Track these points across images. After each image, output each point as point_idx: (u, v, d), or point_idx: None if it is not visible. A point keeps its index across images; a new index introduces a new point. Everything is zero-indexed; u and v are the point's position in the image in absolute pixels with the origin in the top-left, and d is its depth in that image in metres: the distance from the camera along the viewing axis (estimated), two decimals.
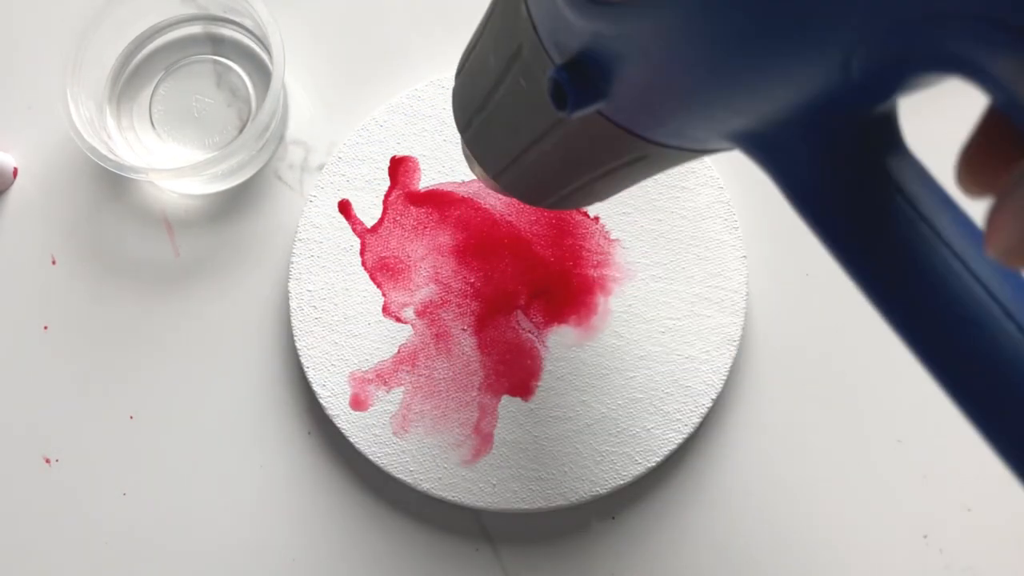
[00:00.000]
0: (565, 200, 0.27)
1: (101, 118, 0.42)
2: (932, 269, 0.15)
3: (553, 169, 0.25)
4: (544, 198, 0.27)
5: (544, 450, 0.37)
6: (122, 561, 0.39)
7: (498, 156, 0.26)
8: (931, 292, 0.15)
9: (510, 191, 0.28)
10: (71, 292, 0.42)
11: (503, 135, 0.25)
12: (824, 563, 0.37)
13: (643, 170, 0.23)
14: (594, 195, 0.27)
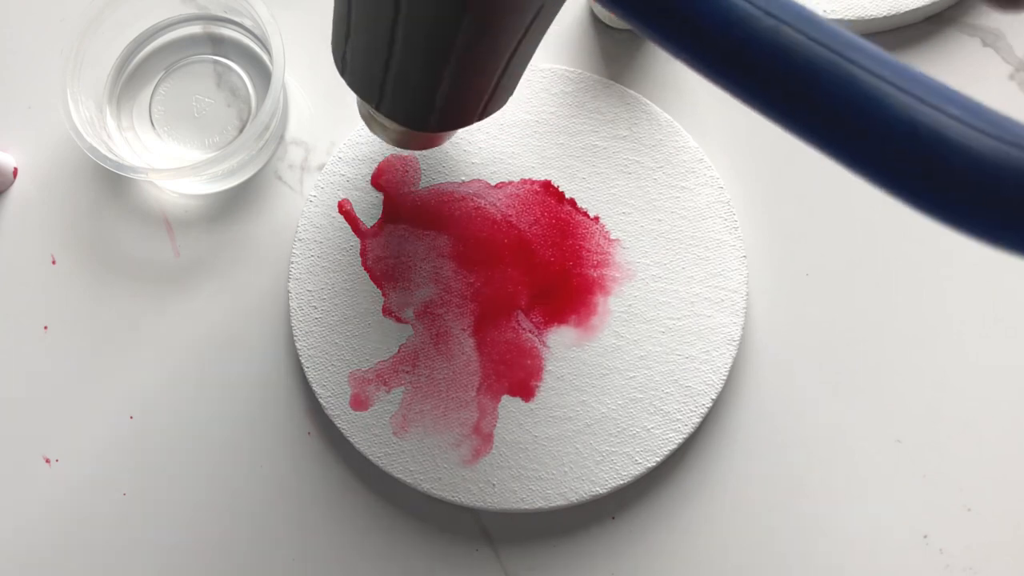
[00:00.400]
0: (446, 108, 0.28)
1: (101, 118, 0.42)
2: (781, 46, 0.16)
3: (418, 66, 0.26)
4: (425, 110, 0.28)
5: (544, 450, 0.37)
6: (122, 561, 0.39)
7: (372, 74, 0.28)
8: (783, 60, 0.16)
9: (397, 115, 0.29)
10: (71, 292, 0.42)
11: (368, 46, 0.27)
12: (824, 563, 0.37)
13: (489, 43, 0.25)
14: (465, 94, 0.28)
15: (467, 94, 0.28)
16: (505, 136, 0.40)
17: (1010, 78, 0.41)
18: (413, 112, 0.29)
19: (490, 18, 0.23)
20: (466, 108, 0.29)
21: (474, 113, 0.29)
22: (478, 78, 0.27)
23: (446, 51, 0.25)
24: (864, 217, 0.40)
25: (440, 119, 0.29)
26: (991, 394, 0.38)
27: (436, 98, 0.28)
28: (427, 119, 0.29)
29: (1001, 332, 0.39)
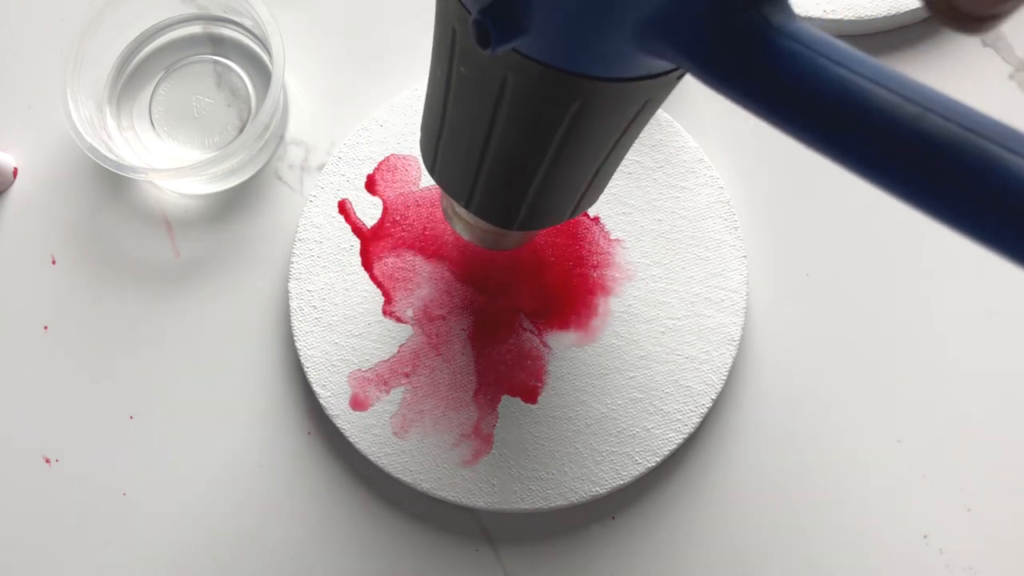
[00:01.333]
0: (536, 204, 0.27)
1: (101, 118, 0.42)
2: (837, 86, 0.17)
3: (514, 158, 0.26)
4: (518, 205, 0.28)
5: (544, 450, 0.37)
6: (122, 561, 0.39)
7: (466, 171, 0.27)
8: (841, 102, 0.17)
9: (484, 212, 0.29)
10: (71, 292, 0.42)
11: (464, 144, 0.26)
12: (824, 563, 0.37)
13: (594, 130, 0.24)
14: (559, 191, 0.27)
15: (560, 194, 0.28)
16: None
17: (1010, 78, 0.41)
18: (503, 212, 0.28)
19: (596, 109, 0.23)
20: (558, 208, 0.28)
21: (565, 213, 0.29)
22: (573, 178, 0.27)
23: (544, 150, 0.25)
24: (864, 217, 0.40)
25: (530, 218, 0.28)
26: (991, 394, 0.38)
27: (527, 198, 0.27)
28: (517, 219, 0.28)
29: (1001, 332, 0.39)
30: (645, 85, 0.22)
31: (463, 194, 0.28)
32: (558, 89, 0.22)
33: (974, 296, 0.39)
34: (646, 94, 0.23)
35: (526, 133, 0.24)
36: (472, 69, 0.23)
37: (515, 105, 0.23)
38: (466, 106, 0.25)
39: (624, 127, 0.25)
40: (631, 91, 0.22)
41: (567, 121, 0.23)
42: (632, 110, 0.24)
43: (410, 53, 0.43)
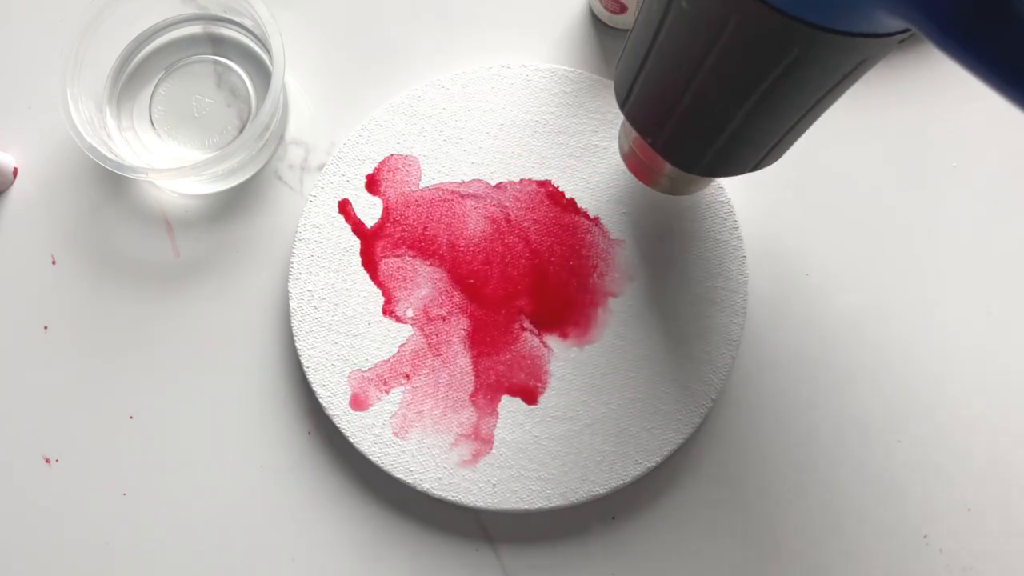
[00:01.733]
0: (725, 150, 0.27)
1: (101, 118, 0.42)
2: None
3: (713, 101, 0.25)
4: (706, 149, 0.27)
5: (544, 450, 0.37)
6: (122, 561, 0.39)
7: (660, 108, 0.27)
8: None
9: (670, 151, 0.28)
10: (71, 292, 0.42)
11: (664, 81, 0.26)
12: (824, 563, 0.37)
13: (804, 82, 0.24)
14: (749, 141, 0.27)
15: (750, 144, 0.27)
16: (505, 136, 0.40)
17: None
18: (690, 154, 0.28)
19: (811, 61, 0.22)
20: (743, 158, 0.28)
21: (748, 164, 0.29)
22: (767, 130, 0.27)
23: (747, 96, 0.24)
24: (864, 217, 0.40)
25: (712, 165, 0.28)
26: (991, 394, 0.38)
27: (717, 143, 0.27)
28: (700, 162, 0.28)
29: (1001, 332, 0.39)
30: (866, 43, 0.21)
31: (652, 131, 0.28)
32: (780, 35, 0.21)
33: (974, 296, 0.39)
34: (864, 53, 0.22)
35: (734, 77, 0.24)
36: (695, 4, 0.23)
37: (731, 47, 0.23)
38: (677, 43, 0.25)
39: (832, 85, 0.24)
40: (851, 46, 0.22)
41: (779, 70, 0.23)
42: (845, 68, 0.23)
43: (410, 53, 0.43)
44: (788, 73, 0.23)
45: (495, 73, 0.41)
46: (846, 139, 0.41)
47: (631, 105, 0.29)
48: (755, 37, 0.22)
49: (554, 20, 0.43)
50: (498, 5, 0.43)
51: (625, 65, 0.29)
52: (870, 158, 0.41)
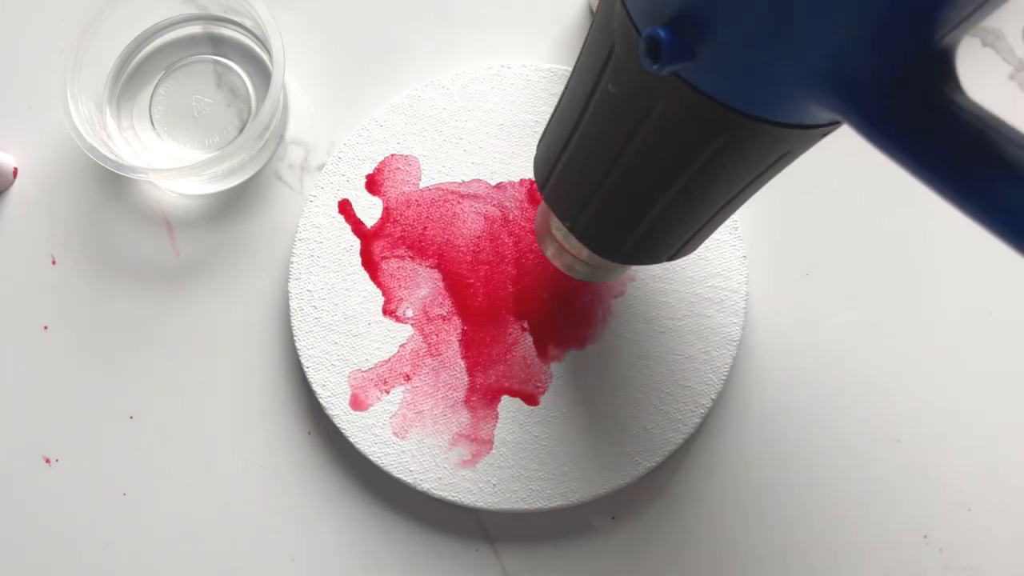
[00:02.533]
0: (645, 238, 0.27)
1: (101, 118, 0.42)
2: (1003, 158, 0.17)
3: (636, 187, 0.25)
4: (626, 236, 0.27)
5: (544, 450, 0.37)
6: (122, 561, 0.39)
7: (581, 192, 0.27)
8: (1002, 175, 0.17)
9: (589, 237, 0.28)
10: (71, 292, 0.42)
11: (586, 164, 0.26)
12: (824, 563, 0.37)
13: (727, 171, 0.23)
14: (670, 229, 0.27)
15: (670, 232, 0.27)
16: (505, 136, 0.40)
17: (1010, 78, 0.41)
18: (609, 242, 0.28)
19: (738, 149, 0.22)
20: (663, 247, 0.28)
21: (668, 253, 0.28)
22: (688, 218, 0.26)
23: (670, 183, 0.24)
24: (864, 217, 0.40)
25: (632, 252, 0.28)
26: (991, 394, 0.38)
27: (637, 231, 0.27)
28: (620, 249, 0.28)
29: (1001, 332, 0.39)
30: (795, 133, 0.21)
31: (571, 215, 0.28)
32: (706, 122, 0.21)
33: (974, 296, 0.39)
34: (791, 143, 0.22)
35: (658, 162, 0.24)
36: (621, 88, 0.23)
37: (657, 131, 0.23)
38: (602, 125, 0.25)
39: (756, 175, 0.24)
40: (778, 137, 0.21)
41: (704, 157, 0.22)
42: (772, 157, 0.23)
43: (410, 53, 0.43)
44: (713, 160, 0.23)
45: (495, 73, 0.41)
46: (846, 139, 0.41)
47: (551, 188, 0.28)
48: (682, 123, 0.22)
49: (554, 20, 0.43)
50: (498, 5, 0.43)
51: (547, 146, 0.28)
52: (870, 157, 0.41)
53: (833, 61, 0.18)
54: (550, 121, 0.28)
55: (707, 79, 0.20)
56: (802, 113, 0.20)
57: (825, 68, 0.18)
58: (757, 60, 0.19)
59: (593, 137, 0.25)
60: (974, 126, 0.18)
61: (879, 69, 0.18)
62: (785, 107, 0.20)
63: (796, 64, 0.19)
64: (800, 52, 0.18)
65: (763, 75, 0.19)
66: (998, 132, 0.17)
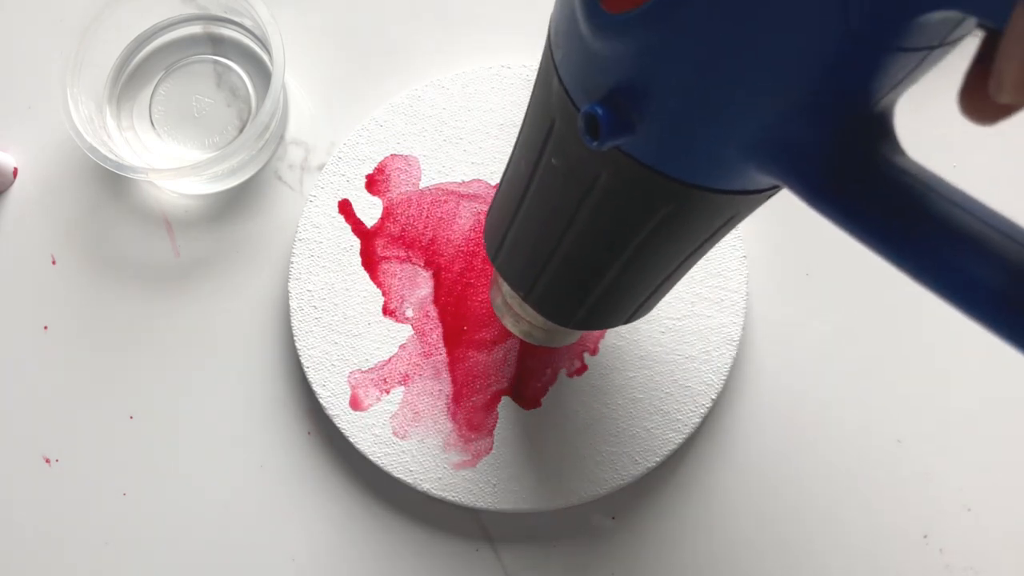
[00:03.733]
0: (598, 305, 0.27)
1: (101, 118, 0.42)
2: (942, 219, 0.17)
3: (586, 256, 0.25)
4: (579, 303, 0.27)
5: (544, 450, 0.37)
6: (122, 561, 0.39)
7: (532, 262, 0.27)
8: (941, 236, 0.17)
9: (543, 305, 0.28)
10: (71, 292, 0.42)
11: (535, 235, 0.26)
12: (824, 563, 0.37)
13: (675, 237, 0.24)
14: (623, 295, 0.27)
15: (624, 298, 0.27)
16: (505, 136, 0.40)
17: None
18: (563, 309, 0.28)
19: (684, 217, 0.22)
20: (617, 312, 0.28)
21: (623, 317, 0.28)
22: (640, 283, 0.27)
23: (620, 252, 0.24)
24: None
25: (587, 319, 0.28)
26: (991, 394, 0.38)
27: (590, 298, 0.27)
28: (574, 317, 0.28)
29: None
30: (738, 199, 0.22)
31: (524, 285, 0.28)
32: (651, 192, 0.21)
33: None
34: (737, 208, 0.22)
35: (606, 232, 0.24)
36: (564, 161, 0.23)
37: (602, 203, 0.23)
38: (548, 197, 0.25)
39: (704, 239, 0.24)
40: (722, 204, 0.22)
41: (651, 225, 0.23)
42: (718, 223, 0.23)
43: (410, 53, 0.43)
44: (660, 229, 0.23)
45: (495, 73, 0.41)
46: None
47: (503, 258, 0.29)
48: (627, 194, 0.22)
49: None
50: (498, 5, 0.43)
51: (495, 218, 0.28)
52: None
53: (769, 132, 0.18)
54: (497, 193, 0.28)
55: (648, 151, 0.20)
56: (744, 180, 0.21)
57: (761, 138, 0.19)
58: (695, 132, 0.19)
59: (540, 209, 0.25)
60: (913, 187, 0.18)
61: (815, 137, 0.18)
62: (726, 176, 0.20)
63: (733, 135, 0.19)
64: (735, 124, 0.19)
65: (702, 146, 0.20)
66: (936, 192, 0.17)
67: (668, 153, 0.20)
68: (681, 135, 0.19)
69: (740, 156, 0.19)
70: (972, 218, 0.17)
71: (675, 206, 0.22)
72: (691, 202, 0.21)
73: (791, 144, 0.18)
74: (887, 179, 0.18)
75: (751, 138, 0.19)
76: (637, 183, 0.21)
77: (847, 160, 0.18)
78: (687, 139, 0.19)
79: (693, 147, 0.20)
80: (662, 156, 0.20)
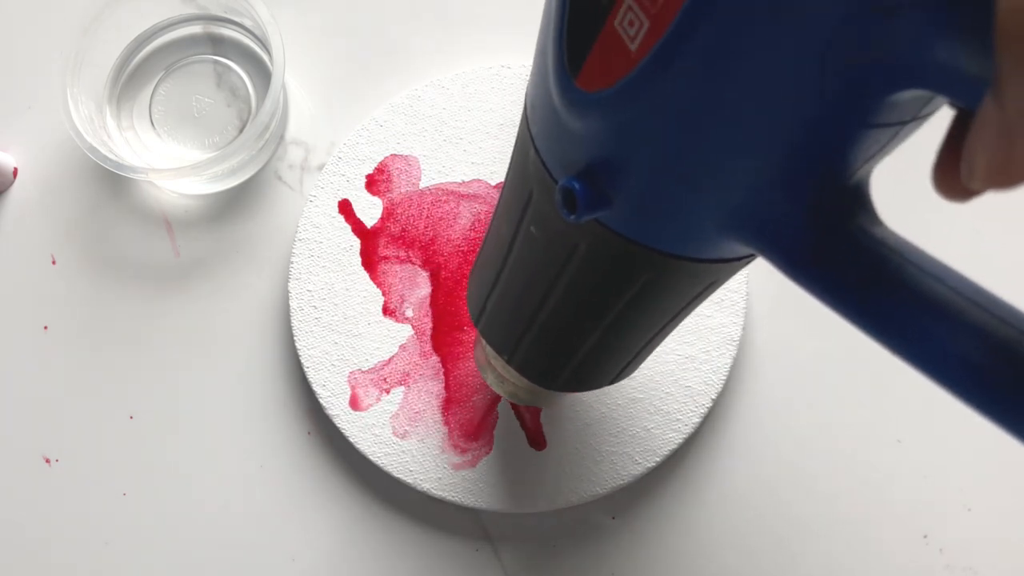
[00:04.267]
0: (581, 368, 0.27)
1: (101, 118, 0.42)
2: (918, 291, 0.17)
3: (568, 322, 0.26)
4: (562, 367, 0.28)
5: (544, 450, 0.37)
6: (122, 561, 0.39)
7: (514, 326, 0.27)
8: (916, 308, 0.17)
9: (526, 369, 0.29)
10: (71, 292, 0.42)
11: (517, 300, 0.26)
12: (824, 562, 0.37)
13: (656, 304, 0.24)
14: (606, 359, 0.27)
15: (607, 362, 0.27)
16: (505, 136, 0.40)
17: None
18: (546, 372, 0.28)
19: (663, 285, 0.23)
20: (601, 375, 0.28)
21: (607, 379, 0.29)
22: (622, 348, 0.27)
23: (600, 318, 0.25)
24: None
25: (571, 381, 0.28)
26: None
27: (572, 362, 0.27)
28: (558, 380, 0.28)
29: None
30: (716, 267, 0.22)
31: (506, 348, 0.28)
32: (630, 262, 0.22)
33: None
34: (716, 275, 0.23)
35: (586, 299, 0.24)
36: (543, 231, 0.23)
37: (582, 271, 0.23)
38: (528, 265, 0.25)
39: (684, 305, 0.24)
40: (701, 271, 0.22)
41: (631, 293, 0.23)
42: (698, 289, 0.23)
43: (410, 53, 0.43)
44: (641, 296, 0.23)
45: (495, 73, 0.41)
46: None
47: (485, 321, 0.29)
48: (606, 263, 0.22)
49: None
50: (498, 5, 0.43)
51: (478, 282, 0.29)
52: None
53: (745, 206, 0.18)
54: (479, 255, 0.29)
55: (625, 223, 0.20)
56: (721, 249, 0.21)
57: (737, 212, 0.19)
58: (672, 206, 0.19)
59: (521, 275, 0.26)
60: (889, 258, 0.18)
61: (791, 211, 0.18)
62: (704, 246, 0.21)
63: (709, 209, 0.19)
64: (711, 198, 0.19)
65: (679, 219, 0.20)
66: (913, 263, 0.18)
67: (646, 225, 0.20)
68: (658, 209, 0.20)
69: (716, 228, 0.19)
70: (948, 290, 0.17)
71: (654, 274, 0.22)
72: (670, 271, 0.22)
73: (767, 217, 0.19)
74: (863, 250, 0.18)
75: (727, 211, 0.19)
76: (616, 253, 0.21)
77: (823, 232, 0.18)
78: (664, 212, 0.20)
79: (670, 220, 0.20)
80: (640, 228, 0.20)
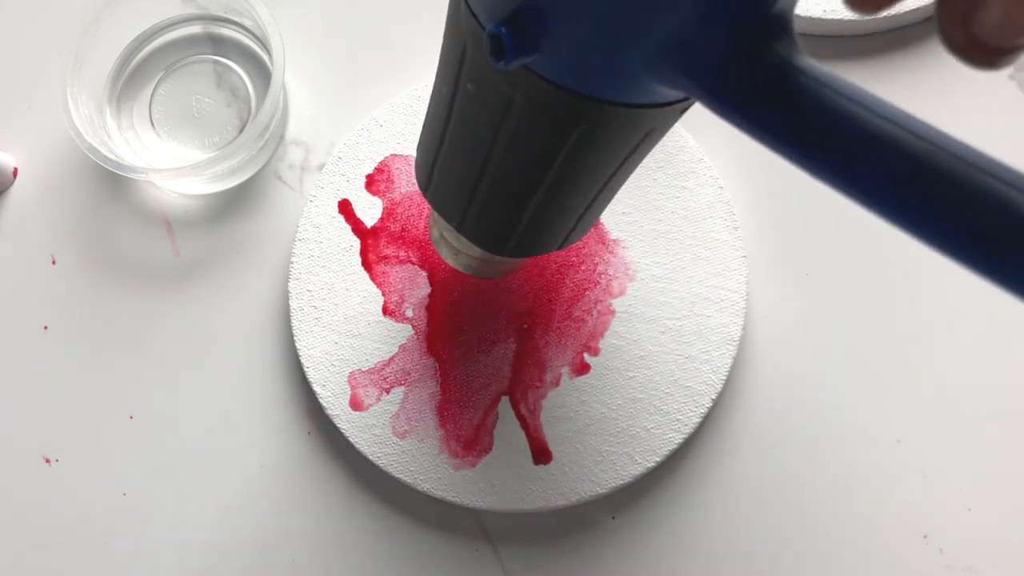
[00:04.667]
0: (529, 230, 0.27)
1: (101, 118, 0.42)
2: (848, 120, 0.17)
3: (511, 181, 0.26)
4: (510, 230, 0.28)
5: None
6: (122, 561, 0.39)
7: (460, 192, 0.27)
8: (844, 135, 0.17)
9: (477, 235, 0.29)
10: (71, 292, 0.42)
11: (461, 165, 0.26)
12: (824, 563, 0.37)
13: (595, 157, 0.24)
14: (552, 219, 0.27)
15: (553, 222, 0.28)
16: None
17: (1010, 78, 0.41)
18: (495, 237, 0.28)
19: (599, 134, 0.23)
20: (549, 237, 0.28)
21: (556, 242, 0.29)
22: (567, 206, 0.27)
23: (542, 175, 0.25)
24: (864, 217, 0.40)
25: (520, 246, 0.28)
26: (991, 394, 0.38)
27: (521, 223, 0.27)
28: (507, 244, 0.28)
29: (1001, 332, 0.39)
30: (651, 113, 0.22)
31: (455, 216, 0.28)
32: (564, 111, 0.22)
33: (974, 296, 0.39)
34: (651, 123, 0.23)
35: (526, 156, 0.24)
36: (479, 86, 0.23)
37: (519, 125, 0.23)
38: (468, 125, 0.25)
39: (623, 157, 0.25)
40: (636, 118, 0.22)
41: (568, 145, 0.23)
42: (634, 139, 0.24)
43: (410, 53, 0.43)
44: (578, 148, 0.23)
45: None
46: None
47: (433, 191, 0.29)
48: (541, 114, 0.22)
49: None
50: None
51: (423, 150, 0.29)
52: None
53: (669, 38, 0.19)
54: (424, 127, 0.29)
55: (555, 69, 0.21)
56: (653, 92, 0.21)
57: (662, 46, 0.19)
58: (598, 46, 0.20)
59: (462, 138, 0.26)
60: (814, 88, 0.18)
61: (715, 42, 0.18)
62: (635, 89, 0.21)
63: (635, 45, 0.19)
64: (636, 33, 0.19)
65: (605, 60, 0.20)
66: (838, 92, 0.18)
67: (574, 69, 0.20)
68: (585, 50, 0.20)
69: (644, 67, 0.20)
70: (871, 114, 0.17)
71: (589, 124, 0.22)
72: (604, 118, 0.22)
73: (691, 51, 0.19)
74: (785, 79, 0.18)
75: (651, 48, 0.19)
76: (549, 102, 0.22)
77: (745, 62, 0.18)
78: (590, 53, 0.20)
79: (597, 61, 0.20)
80: (569, 72, 0.21)
